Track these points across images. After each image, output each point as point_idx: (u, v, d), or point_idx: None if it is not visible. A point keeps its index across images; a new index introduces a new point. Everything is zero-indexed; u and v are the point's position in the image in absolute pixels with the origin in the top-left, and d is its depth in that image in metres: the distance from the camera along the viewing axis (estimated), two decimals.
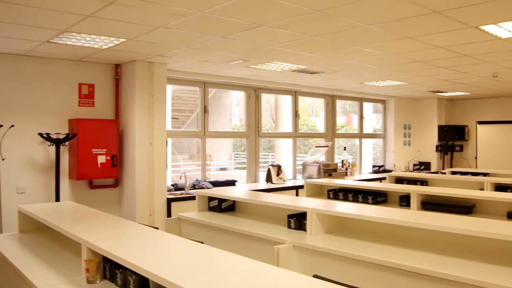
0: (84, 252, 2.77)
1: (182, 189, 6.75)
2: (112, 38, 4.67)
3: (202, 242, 3.14)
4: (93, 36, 4.59)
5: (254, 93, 8.16)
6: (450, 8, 3.74)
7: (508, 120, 10.52)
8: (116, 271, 2.62)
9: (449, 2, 3.59)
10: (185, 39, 4.72)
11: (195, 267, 2.39)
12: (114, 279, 2.65)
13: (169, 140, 6.70)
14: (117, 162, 5.92)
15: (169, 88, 10.17)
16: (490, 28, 4.38)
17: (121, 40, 4.74)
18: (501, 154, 10.35)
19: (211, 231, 4.38)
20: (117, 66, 6.15)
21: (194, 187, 6.83)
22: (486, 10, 3.79)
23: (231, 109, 16.70)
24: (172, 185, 6.88)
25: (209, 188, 6.73)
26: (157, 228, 3.46)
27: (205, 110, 7.39)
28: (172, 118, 12.98)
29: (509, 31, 4.45)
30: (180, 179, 6.89)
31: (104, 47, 5.06)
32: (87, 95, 5.96)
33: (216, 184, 7.20)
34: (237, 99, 15.65)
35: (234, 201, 4.89)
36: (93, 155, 5.73)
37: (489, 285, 2.49)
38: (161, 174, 6.10)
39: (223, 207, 4.86)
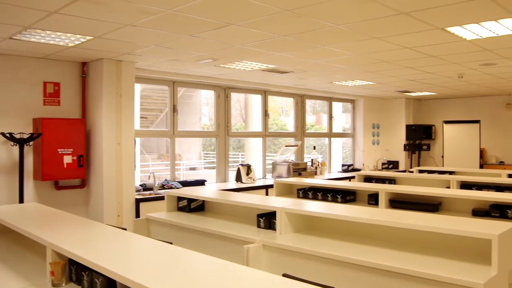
0: (49, 254, 2.70)
1: (151, 189, 6.68)
2: (78, 36, 4.58)
3: (171, 243, 3.10)
4: (58, 33, 4.48)
5: (223, 92, 8.14)
6: (417, 9, 3.80)
7: (473, 119, 10.77)
8: (83, 273, 2.56)
9: (416, 3, 3.65)
10: (154, 37, 4.67)
11: (164, 268, 2.35)
12: (81, 281, 2.59)
13: (138, 139, 6.62)
14: (83, 162, 5.81)
15: (138, 87, 10.07)
16: (455, 30, 4.47)
17: (88, 38, 4.64)
18: (467, 152, 10.60)
19: (180, 232, 4.35)
20: (84, 64, 6.04)
21: (163, 187, 6.76)
22: (451, 12, 3.87)
23: (201, 108, 16.61)
24: (141, 185, 6.80)
25: (178, 188, 6.67)
26: (125, 229, 3.41)
27: (174, 110, 7.32)
28: (141, 117, 12.82)
29: (473, 32, 4.55)
30: (149, 179, 6.82)
31: (70, 44, 4.95)
32: (52, 94, 5.82)
33: (185, 184, 7.15)
34: (206, 98, 15.57)
35: (203, 201, 4.86)
36: (59, 155, 5.61)
37: (455, 281, 2.54)
38: (129, 174, 6.02)
39: (192, 207, 4.82)
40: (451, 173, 7.56)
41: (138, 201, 6.08)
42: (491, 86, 9.07)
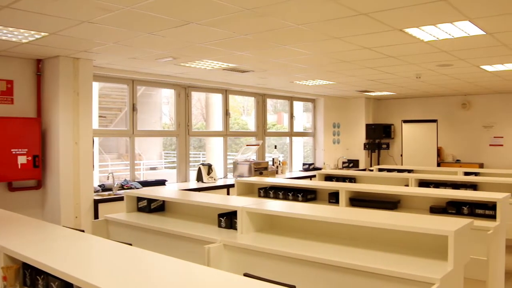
0: (1, 259, 2.61)
1: (110, 189, 6.55)
2: (32, 32, 4.43)
3: (131, 244, 3.05)
4: (10, 29, 4.32)
5: (184, 91, 8.06)
6: (376, 10, 3.85)
7: (431, 119, 11.05)
8: (38, 277, 2.48)
9: (375, 5, 3.70)
10: (112, 35, 4.57)
11: (123, 269, 2.31)
12: (35, 286, 2.51)
13: (96, 139, 6.47)
14: (39, 162, 5.64)
15: (96, 85, 9.85)
16: (413, 31, 4.56)
17: (43, 34, 4.50)
18: (424, 151, 10.86)
19: (140, 232, 4.27)
20: (39, 62, 5.86)
21: (122, 187, 6.64)
22: (409, 13, 3.95)
23: (161, 107, 16.43)
24: (100, 185, 6.66)
25: (138, 188, 6.57)
26: (83, 231, 3.33)
27: (133, 109, 7.21)
28: (99, 116, 12.57)
29: (430, 34, 4.65)
30: (108, 179, 6.69)
31: (24, 41, 4.79)
32: (5, 92, 5.62)
33: (145, 184, 7.05)
34: (167, 97, 15.40)
35: (163, 201, 4.80)
36: (13, 156, 5.43)
37: (413, 277, 2.59)
38: (88, 175, 5.88)
39: (152, 207, 4.75)
40: (409, 171, 7.73)
41: (96, 202, 5.95)
42: (447, 87, 9.32)
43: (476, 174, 7.06)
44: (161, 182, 7.47)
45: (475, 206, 4.37)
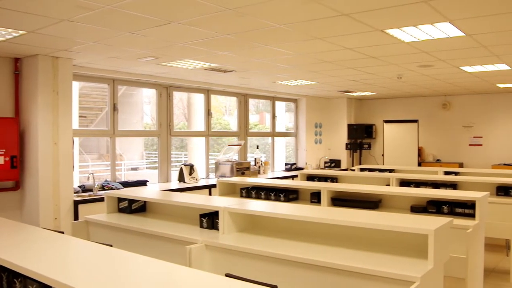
0: None
1: (90, 190, 6.47)
2: (10, 30, 4.35)
3: (111, 245, 3.02)
4: None
5: (165, 91, 8.02)
6: (358, 11, 3.87)
7: (412, 119, 11.16)
8: (15, 280, 2.44)
9: (357, 5, 3.72)
10: (92, 34, 4.52)
11: (103, 271, 2.28)
12: None
13: (76, 139, 6.40)
14: (17, 163, 5.55)
15: (76, 85, 9.75)
16: (394, 32, 4.59)
17: (21, 32, 4.43)
18: (405, 151, 10.96)
19: (121, 234, 4.23)
20: (17, 60, 5.76)
21: (103, 188, 6.58)
22: (390, 15, 3.97)
23: (143, 107, 16.31)
24: (80, 186, 6.58)
25: (119, 188, 6.51)
26: (62, 233, 3.29)
27: (114, 108, 7.14)
28: (80, 116, 12.43)
29: (411, 35, 4.69)
30: (88, 180, 6.61)
31: (1, 39, 4.71)
32: None
33: (126, 184, 6.99)
34: (148, 97, 15.29)
35: (145, 201, 4.76)
36: None
37: (394, 275, 2.61)
38: (67, 175, 5.81)
39: (133, 208, 4.71)
40: (390, 171, 7.78)
41: (76, 203, 5.88)
42: (428, 87, 9.42)
43: (456, 173, 7.15)
44: (143, 183, 7.42)
45: (455, 205, 4.42)
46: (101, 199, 5.44)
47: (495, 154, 10.54)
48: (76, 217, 5.83)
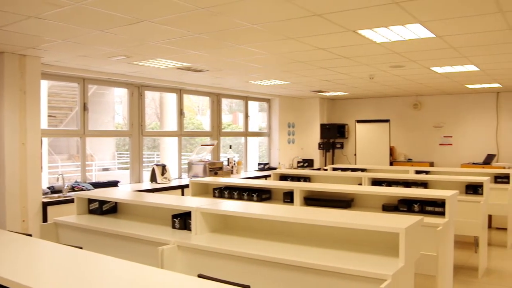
0: None
1: (60, 191, 6.35)
2: None
3: (81, 248, 2.96)
4: None
5: (137, 90, 7.92)
6: (330, 12, 3.89)
7: (384, 119, 11.29)
8: None
9: (329, 6, 3.73)
10: (61, 31, 4.42)
11: (72, 274, 2.23)
12: None
13: (45, 139, 6.27)
14: None
15: (45, 84, 9.56)
16: (366, 33, 4.63)
17: None
18: (377, 151, 11.08)
19: (92, 235, 4.16)
20: None
21: (73, 189, 6.46)
22: (362, 15, 4.00)
23: (114, 106, 16.10)
24: (49, 187, 6.44)
25: (89, 189, 6.40)
26: (30, 235, 3.21)
27: (84, 108, 7.02)
28: (49, 116, 12.19)
29: (383, 36, 4.74)
30: (58, 181, 6.48)
31: None
32: None
33: (97, 185, 6.88)
34: (120, 96, 15.11)
35: (116, 202, 4.69)
36: None
37: (366, 274, 2.63)
38: (36, 176, 5.68)
39: (104, 209, 4.64)
40: (363, 170, 7.86)
41: (45, 205, 5.75)
42: (399, 87, 9.55)
43: (426, 172, 7.26)
44: (114, 183, 7.31)
45: (425, 204, 4.49)
46: (71, 201, 5.33)
47: (464, 153, 10.76)
48: (45, 219, 5.71)
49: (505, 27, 4.39)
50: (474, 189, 5.80)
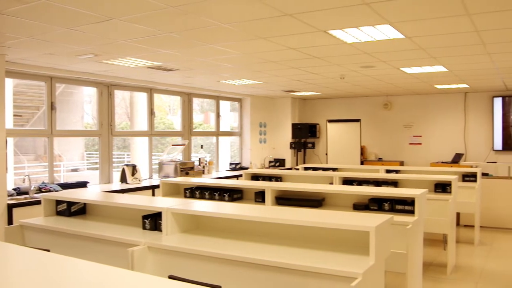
0: None
1: (26, 193, 6.19)
2: None
3: (49, 250, 2.89)
4: None
5: (106, 89, 7.80)
6: (301, 12, 3.89)
7: (354, 118, 11.39)
8: None
9: (300, 6, 3.73)
10: (26, 28, 4.30)
11: (39, 278, 2.17)
12: None
13: (11, 139, 6.11)
14: None
15: (10, 82, 9.33)
16: (337, 33, 4.66)
17: None
18: (349, 150, 11.17)
19: (59, 237, 4.06)
20: None
21: (40, 190, 6.31)
22: (333, 16, 4.02)
23: (83, 106, 15.82)
24: (14, 189, 6.27)
25: (57, 190, 6.27)
26: None
27: (52, 107, 6.87)
28: (14, 115, 11.89)
29: (353, 36, 4.77)
30: (24, 182, 6.32)
31: None
32: None
33: (65, 186, 6.74)
34: (89, 95, 14.85)
35: (85, 203, 4.60)
36: None
37: (337, 272, 2.64)
38: (0, 178, 5.52)
39: (72, 210, 4.54)
40: (334, 169, 7.90)
41: (10, 207, 5.60)
42: (370, 87, 9.65)
43: (396, 171, 7.35)
44: (83, 184, 7.18)
45: (395, 202, 4.54)
46: (38, 202, 5.21)
47: (433, 152, 10.95)
48: (10, 221, 5.55)
49: (471, 29, 4.48)
50: (442, 187, 5.90)
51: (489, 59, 6.13)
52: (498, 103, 10.27)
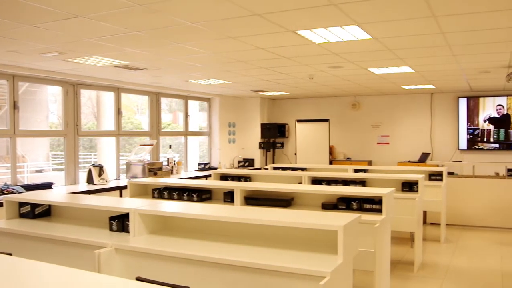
0: None
1: None
2: None
3: (11, 254, 2.81)
4: None
5: (72, 88, 7.64)
6: (270, 11, 3.89)
7: (323, 118, 11.48)
8: None
9: (268, 6, 3.73)
10: None
11: (0, 283, 2.10)
12: None
13: None
14: None
15: None
16: (306, 33, 4.68)
17: None
18: (317, 150, 11.25)
19: (23, 241, 3.95)
20: None
21: (2, 192, 6.13)
22: (301, 16, 4.03)
23: (48, 105, 15.46)
24: None
25: (20, 192, 6.11)
26: None
27: (14, 106, 6.69)
28: None
29: (322, 37, 4.80)
30: None
31: None
32: None
33: (29, 187, 6.57)
34: (54, 94, 14.53)
35: (49, 205, 4.49)
36: None
37: (305, 271, 2.64)
38: None
39: (36, 212, 4.42)
40: (303, 169, 7.94)
41: None
42: (338, 88, 9.74)
43: (365, 171, 7.43)
44: (48, 185, 7.02)
45: (363, 201, 4.58)
46: (0, 204, 5.06)
47: (400, 152, 11.14)
48: None
49: (437, 30, 4.56)
50: (409, 186, 5.99)
51: (454, 60, 6.26)
52: (463, 103, 10.52)
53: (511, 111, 10.13)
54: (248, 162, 11.57)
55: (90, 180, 7.52)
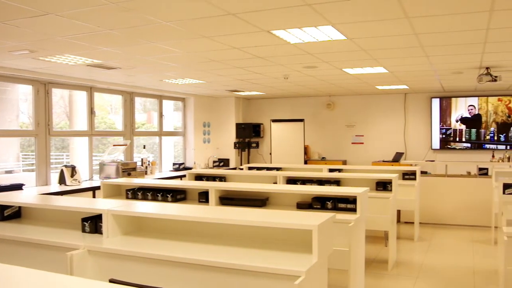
0: None
1: None
2: None
3: None
4: None
5: (43, 87, 7.50)
6: (244, 11, 3.88)
7: (298, 118, 11.53)
8: None
9: (243, 5, 3.72)
10: None
11: None
12: None
13: None
14: None
15: None
16: (280, 33, 4.69)
17: None
18: (292, 149, 11.30)
19: None
20: None
21: None
22: (276, 16, 4.04)
23: (18, 105, 15.15)
24: None
25: None
26: None
27: None
28: None
29: (296, 37, 4.82)
30: None
31: None
32: None
33: None
34: (25, 93, 14.25)
35: (19, 207, 4.39)
36: None
37: (280, 271, 2.64)
38: None
39: (6, 214, 4.31)
40: (278, 169, 7.95)
41: None
42: (313, 88, 9.79)
43: (339, 170, 7.48)
44: (18, 186, 6.86)
45: (338, 201, 4.61)
46: None
47: (375, 151, 11.26)
48: None
49: (410, 32, 4.62)
50: (383, 185, 6.06)
51: (427, 61, 6.36)
52: (436, 103, 10.69)
53: (482, 111, 10.34)
54: (223, 162, 11.54)
55: (62, 181, 7.39)
